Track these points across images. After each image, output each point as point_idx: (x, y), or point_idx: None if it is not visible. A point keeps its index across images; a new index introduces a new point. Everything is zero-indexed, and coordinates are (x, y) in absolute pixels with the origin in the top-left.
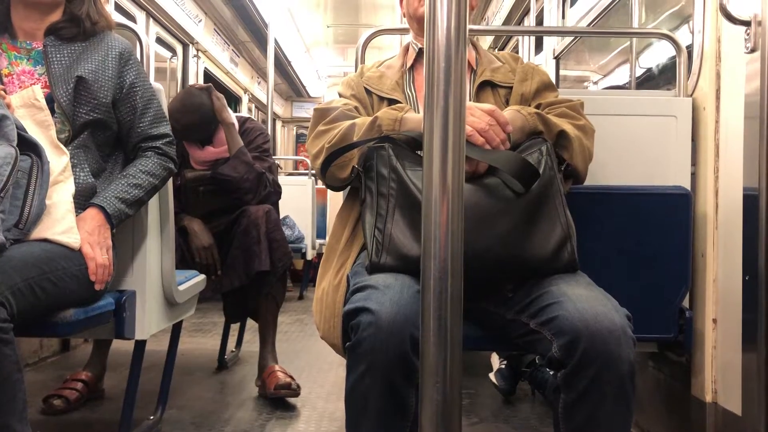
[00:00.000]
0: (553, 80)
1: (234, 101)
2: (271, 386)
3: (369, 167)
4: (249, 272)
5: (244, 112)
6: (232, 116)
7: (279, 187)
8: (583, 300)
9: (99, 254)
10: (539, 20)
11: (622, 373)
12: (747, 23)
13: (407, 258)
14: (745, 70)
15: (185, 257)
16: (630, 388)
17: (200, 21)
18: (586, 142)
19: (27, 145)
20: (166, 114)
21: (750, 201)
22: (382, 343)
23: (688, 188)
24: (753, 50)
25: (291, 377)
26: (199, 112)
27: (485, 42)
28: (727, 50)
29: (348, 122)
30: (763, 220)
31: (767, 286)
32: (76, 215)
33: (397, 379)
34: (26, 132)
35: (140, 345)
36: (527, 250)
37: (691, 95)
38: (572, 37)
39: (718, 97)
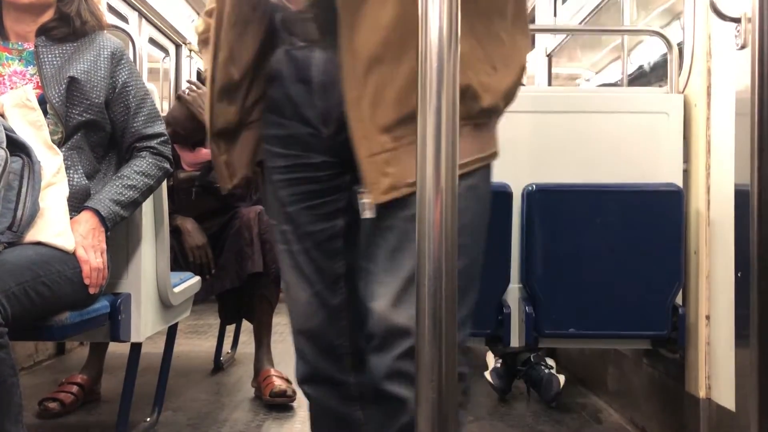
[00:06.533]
0: (546, 78)
1: None
2: (266, 393)
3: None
4: (241, 274)
5: None
6: None
7: None
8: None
9: (93, 257)
10: (531, 18)
11: None
12: (737, 20)
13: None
14: (735, 67)
15: (177, 258)
16: None
17: (193, 21)
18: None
19: (17, 146)
20: (160, 113)
21: (741, 197)
22: (313, 399)
23: (680, 185)
24: (743, 47)
25: (287, 380)
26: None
27: None
28: (717, 47)
29: None
30: (755, 217)
31: (759, 283)
32: (71, 218)
33: (333, 426)
34: (15, 133)
35: (136, 347)
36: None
37: (683, 92)
38: (564, 35)
39: (709, 94)
